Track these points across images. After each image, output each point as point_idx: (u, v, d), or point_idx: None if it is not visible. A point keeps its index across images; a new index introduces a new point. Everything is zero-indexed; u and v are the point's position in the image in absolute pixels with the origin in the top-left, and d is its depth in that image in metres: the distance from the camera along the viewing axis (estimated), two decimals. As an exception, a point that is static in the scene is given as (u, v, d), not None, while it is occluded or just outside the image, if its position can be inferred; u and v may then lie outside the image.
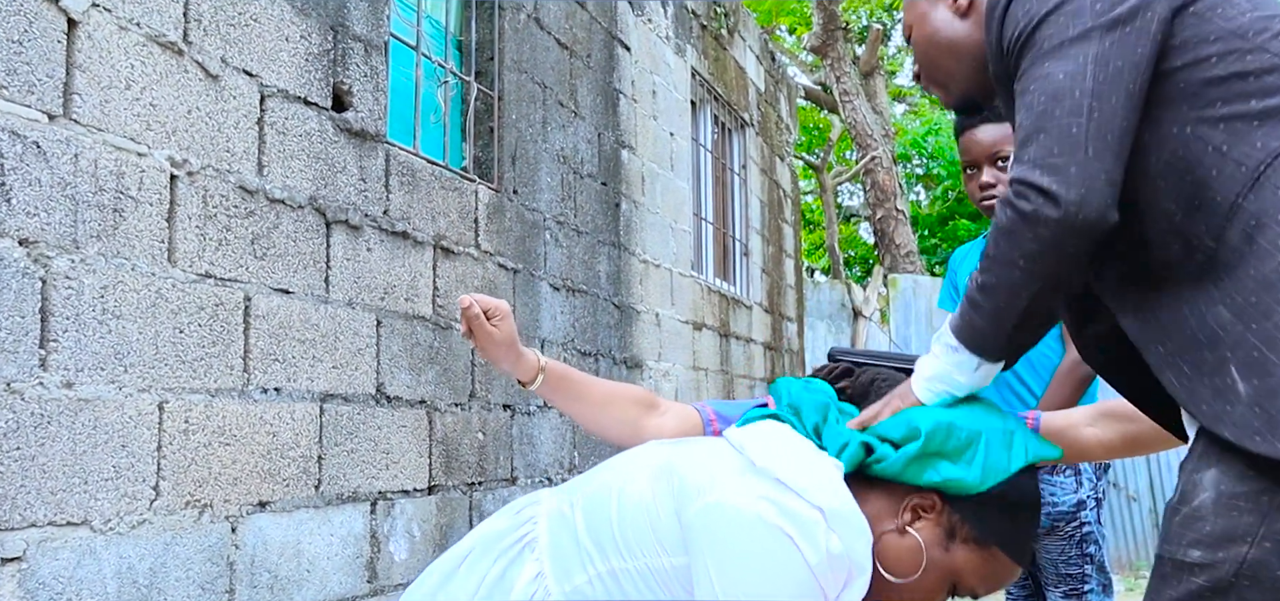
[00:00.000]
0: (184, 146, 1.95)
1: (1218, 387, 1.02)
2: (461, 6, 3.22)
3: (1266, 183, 1.01)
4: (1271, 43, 1.06)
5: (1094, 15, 1.05)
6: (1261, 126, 1.03)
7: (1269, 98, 1.03)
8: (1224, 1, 1.08)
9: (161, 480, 1.85)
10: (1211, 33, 1.06)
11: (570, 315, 3.58)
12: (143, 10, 1.87)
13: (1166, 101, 1.06)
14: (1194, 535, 1.01)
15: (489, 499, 3.00)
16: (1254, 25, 1.06)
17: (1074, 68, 1.04)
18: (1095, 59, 1.04)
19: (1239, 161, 1.03)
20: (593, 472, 1.29)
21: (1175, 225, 1.06)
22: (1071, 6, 1.06)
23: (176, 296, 1.92)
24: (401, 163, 2.66)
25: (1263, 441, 0.97)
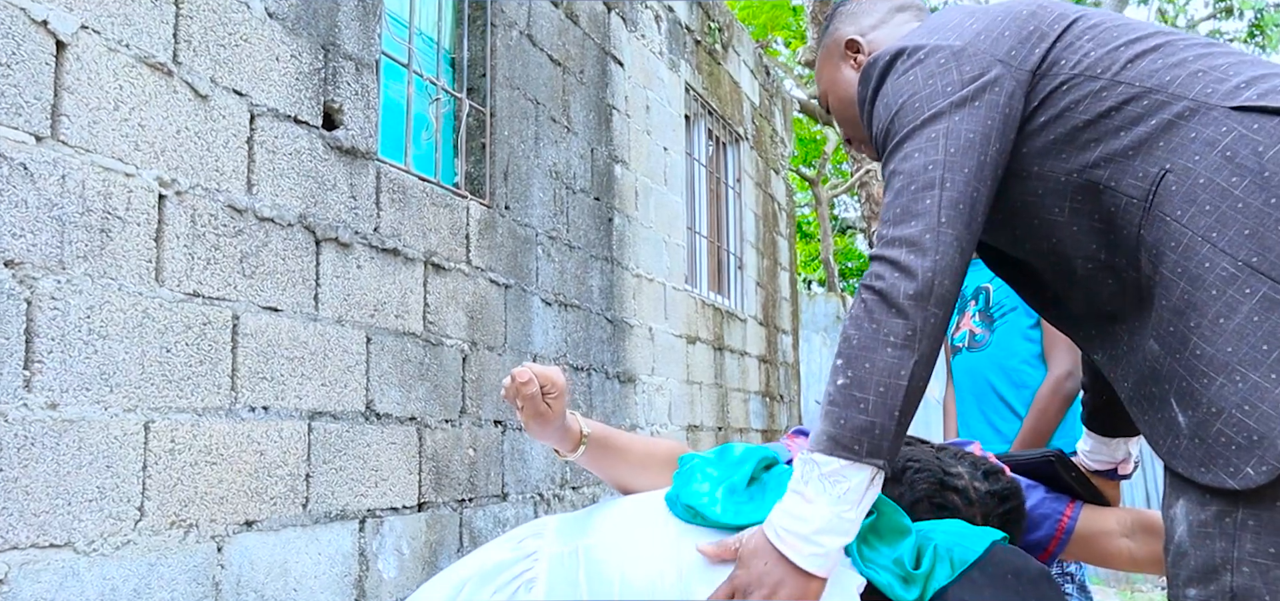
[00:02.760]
0: (172, 166, 1.96)
1: (1166, 421, 1.02)
2: (454, 23, 3.23)
3: (1156, 211, 1.02)
4: (1122, 73, 1.07)
5: (944, 97, 1.09)
6: (1137, 155, 1.04)
7: (1136, 126, 1.04)
8: (1067, 49, 1.10)
9: (146, 500, 1.85)
10: (1065, 83, 1.09)
11: (562, 330, 3.58)
12: (132, 31, 1.88)
13: (1049, 154, 1.09)
14: (1186, 573, 1.00)
15: (480, 516, 3.00)
16: (1101, 62, 1.08)
17: (924, 145, 1.08)
18: (946, 135, 1.07)
19: (1128, 194, 1.04)
20: (599, 518, 1.25)
21: (1103, 263, 1.08)
22: (918, 98, 1.10)
23: (164, 316, 1.92)
24: (392, 180, 2.67)
25: (1207, 473, 0.97)
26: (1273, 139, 0.97)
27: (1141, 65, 1.06)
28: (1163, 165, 1.01)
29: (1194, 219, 0.98)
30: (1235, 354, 0.95)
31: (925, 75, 1.11)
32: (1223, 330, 0.96)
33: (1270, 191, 0.95)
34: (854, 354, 1.04)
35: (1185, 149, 1.01)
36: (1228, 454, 0.95)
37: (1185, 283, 0.98)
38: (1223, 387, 0.95)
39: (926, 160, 1.07)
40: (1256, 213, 0.96)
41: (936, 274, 1.03)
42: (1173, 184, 1.00)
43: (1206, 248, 0.97)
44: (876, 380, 1.03)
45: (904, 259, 1.04)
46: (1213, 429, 0.96)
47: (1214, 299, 0.96)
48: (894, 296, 1.03)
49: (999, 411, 2.30)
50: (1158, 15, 14.50)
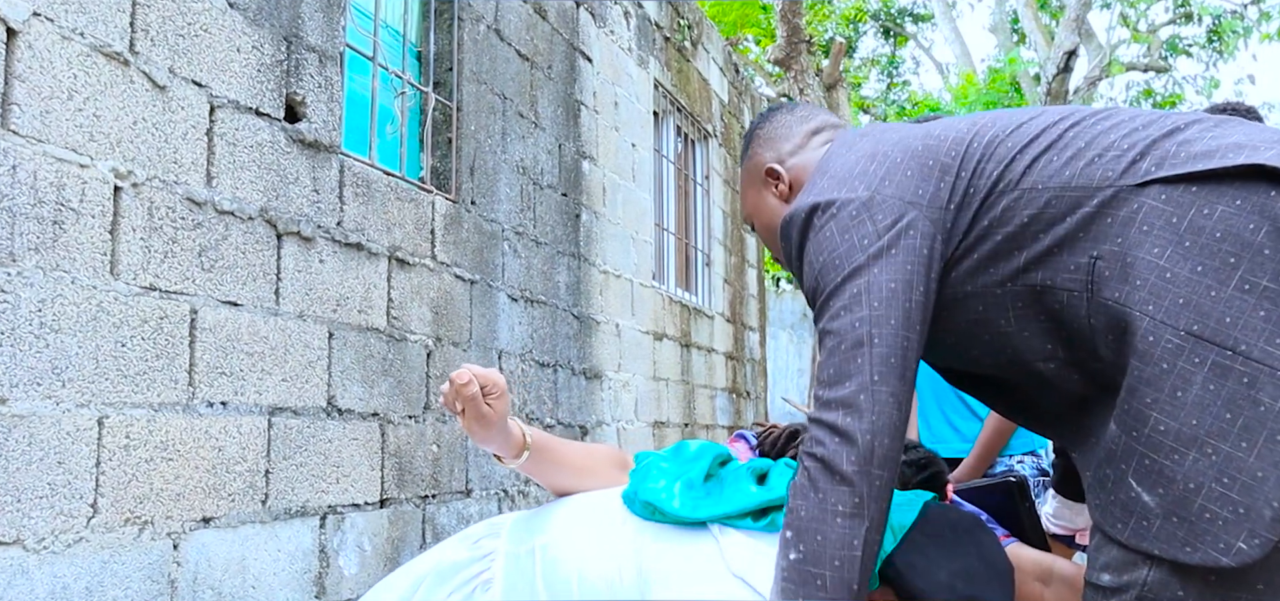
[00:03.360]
0: (129, 157, 1.92)
1: (1124, 503, 1.00)
2: (421, 16, 3.21)
3: (1097, 297, 1.02)
4: (1024, 180, 1.08)
5: (862, 250, 1.09)
6: (1063, 251, 1.04)
7: (1055, 226, 1.05)
8: (973, 174, 1.11)
9: (100, 497, 1.82)
10: (981, 205, 1.09)
11: (528, 326, 3.57)
12: (87, 19, 1.84)
13: (979, 272, 1.10)
14: (1104, 559, 1.02)
15: (443, 512, 2.99)
16: (1005, 177, 1.09)
17: (848, 302, 1.08)
18: (867, 289, 1.07)
19: (1068, 287, 1.04)
20: (555, 517, 1.25)
21: (1064, 359, 1.07)
22: (836, 255, 1.11)
23: (119, 309, 1.89)
24: (356, 173, 2.64)
25: (1193, 552, 0.95)
26: (1180, 207, 0.98)
27: (1039, 169, 1.07)
28: (1090, 253, 1.03)
29: (1129, 295, 0.99)
30: (1201, 426, 0.94)
31: (840, 230, 1.11)
32: (1182, 403, 0.95)
33: (1193, 260, 0.96)
34: (804, 527, 1.03)
35: (1105, 235, 1.02)
36: (1215, 530, 0.94)
37: (1135, 359, 0.98)
38: (1196, 462, 0.94)
39: (853, 318, 1.07)
40: (1186, 282, 0.96)
41: (875, 435, 1.02)
42: (1104, 268, 1.01)
43: (1147, 322, 0.97)
44: (830, 555, 1.02)
45: (841, 422, 1.03)
46: (1195, 505, 0.94)
47: (1166, 372, 0.96)
48: (837, 464, 1.02)
49: (959, 412, 2.33)
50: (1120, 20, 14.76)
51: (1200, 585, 0.95)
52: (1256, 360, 0.92)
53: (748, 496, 1.20)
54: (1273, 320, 0.92)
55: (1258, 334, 0.92)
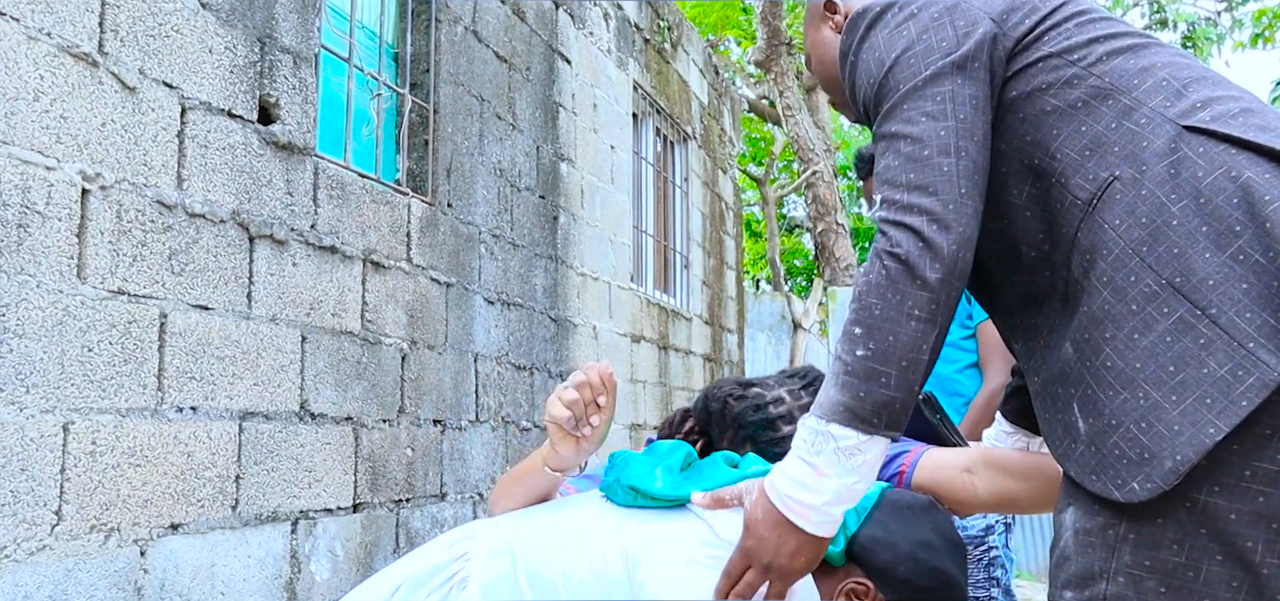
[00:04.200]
0: (97, 160, 1.90)
1: (1066, 424, 1.03)
2: (397, 17, 3.19)
3: (1097, 215, 1.01)
4: (1096, 65, 1.06)
5: (941, 54, 1.06)
6: (1093, 156, 1.03)
7: (1097, 124, 1.03)
8: (1053, 28, 1.09)
9: (65, 504, 1.80)
10: (1042, 60, 1.07)
11: (505, 329, 3.56)
12: (54, 19, 1.82)
13: (1017, 132, 1.08)
14: (1065, 576, 1.03)
15: (417, 516, 2.97)
16: (1079, 49, 1.07)
17: (933, 109, 1.04)
18: (953, 99, 1.04)
19: (1074, 194, 1.04)
20: (532, 517, 1.26)
21: (1044, 254, 1.08)
22: (913, 53, 1.07)
23: (86, 314, 1.86)
24: (331, 176, 2.63)
25: (1097, 481, 0.98)
26: (1213, 166, 0.97)
27: (1115, 63, 1.05)
28: (1113, 170, 1.01)
29: (1129, 230, 0.99)
30: (1142, 371, 0.96)
31: (919, 29, 1.08)
32: (1135, 346, 0.96)
33: (1203, 218, 0.96)
34: (876, 324, 1.00)
35: (1136, 157, 1.01)
36: (1119, 466, 0.96)
37: (1109, 292, 0.99)
38: (1125, 402, 0.96)
39: (939, 126, 1.03)
40: (1187, 235, 0.96)
41: (960, 247, 1.00)
42: (1118, 191, 1.00)
43: (1135, 260, 0.98)
44: (899, 354, 1.00)
45: (927, 231, 1.00)
46: (1110, 440, 0.97)
47: (1133, 313, 0.97)
48: (920, 269, 0.99)
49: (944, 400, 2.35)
50: (1096, 26, 14.92)
51: (1113, 522, 0.96)
52: (1222, 328, 0.92)
53: (728, 474, 1.24)
54: (1252, 294, 0.92)
55: (1232, 303, 0.92)
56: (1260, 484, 0.92)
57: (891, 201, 1.04)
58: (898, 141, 1.05)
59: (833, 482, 1.03)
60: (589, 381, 1.24)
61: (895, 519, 1.25)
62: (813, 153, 8.91)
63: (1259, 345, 0.91)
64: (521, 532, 1.23)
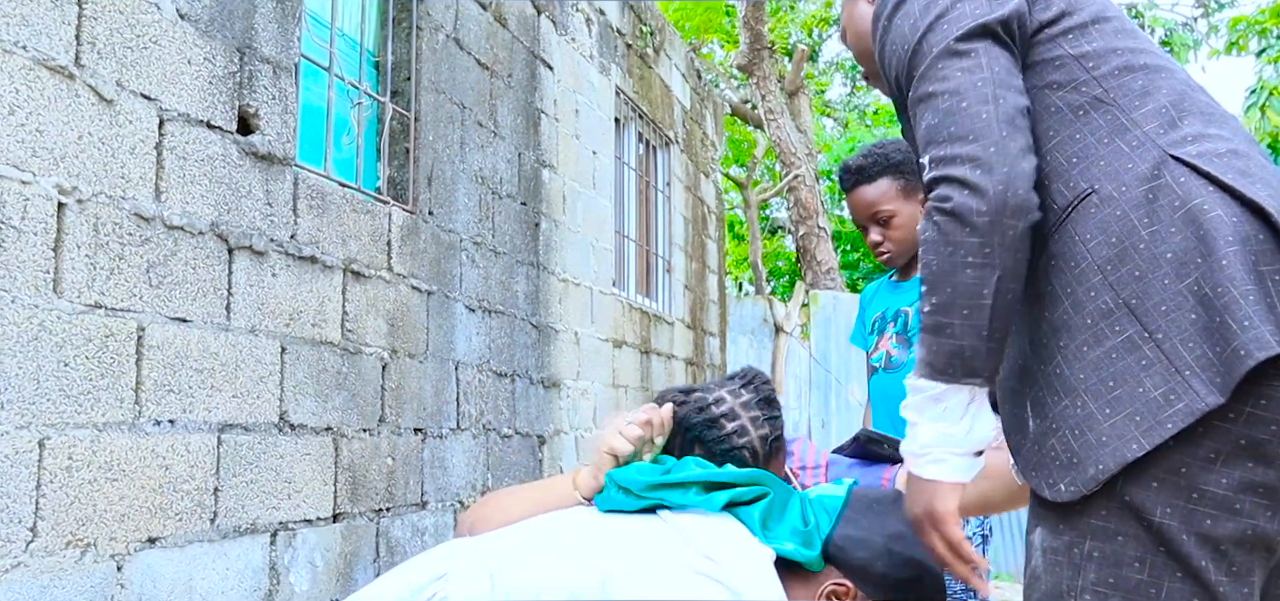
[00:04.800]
0: (73, 173, 1.89)
1: (1019, 419, 1.08)
2: (378, 25, 3.18)
3: (1069, 225, 1.05)
4: (1105, 78, 1.08)
5: (973, 18, 1.08)
6: (1078, 165, 1.06)
7: (1093, 136, 1.06)
8: (1077, 27, 1.11)
9: (40, 520, 1.79)
10: (1060, 58, 1.10)
11: (486, 336, 3.56)
12: (30, 32, 1.80)
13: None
14: (1036, 595, 1.06)
15: (397, 525, 2.97)
16: (1094, 55, 1.09)
17: (969, 63, 1.06)
18: (987, 55, 1.06)
19: (1054, 198, 1.07)
20: (513, 541, 1.27)
21: None
22: (953, 13, 1.09)
23: (62, 328, 1.85)
24: (311, 186, 2.62)
25: (1034, 478, 1.04)
26: (1187, 198, 0.99)
27: (1124, 80, 1.08)
28: (1093, 183, 1.04)
29: (1098, 247, 1.01)
30: (1085, 382, 1.00)
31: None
32: (1083, 357, 1.00)
33: (1168, 246, 0.98)
34: (935, 279, 1.04)
35: (1118, 176, 1.03)
36: (1052, 467, 1.02)
37: (1068, 303, 1.02)
38: (1066, 408, 1.01)
39: (974, 78, 1.04)
40: (1151, 260, 0.98)
41: (1008, 185, 1.00)
42: (1093, 205, 1.03)
43: (1098, 277, 1.01)
44: (961, 303, 1.02)
45: (970, 176, 1.01)
46: (1048, 442, 1.02)
47: (1087, 327, 1.00)
48: (967, 215, 1.01)
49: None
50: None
51: (1078, 541, 1.01)
52: (1164, 352, 0.96)
53: (694, 472, 1.31)
54: (1197, 325, 0.95)
55: (1178, 332, 0.96)
56: (1207, 507, 0.96)
57: (935, 158, 1.05)
58: (935, 99, 1.06)
59: (926, 430, 1.10)
60: (652, 421, 1.37)
61: (865, 514, 1.30)
62: (795, 156, 8.95)
63: (1194, 374, 0.94)
64: (501, 554, 1.24)
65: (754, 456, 1.45)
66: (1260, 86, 7.34)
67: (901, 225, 2.18)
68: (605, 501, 1.34)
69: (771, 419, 1.48)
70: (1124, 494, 0.98)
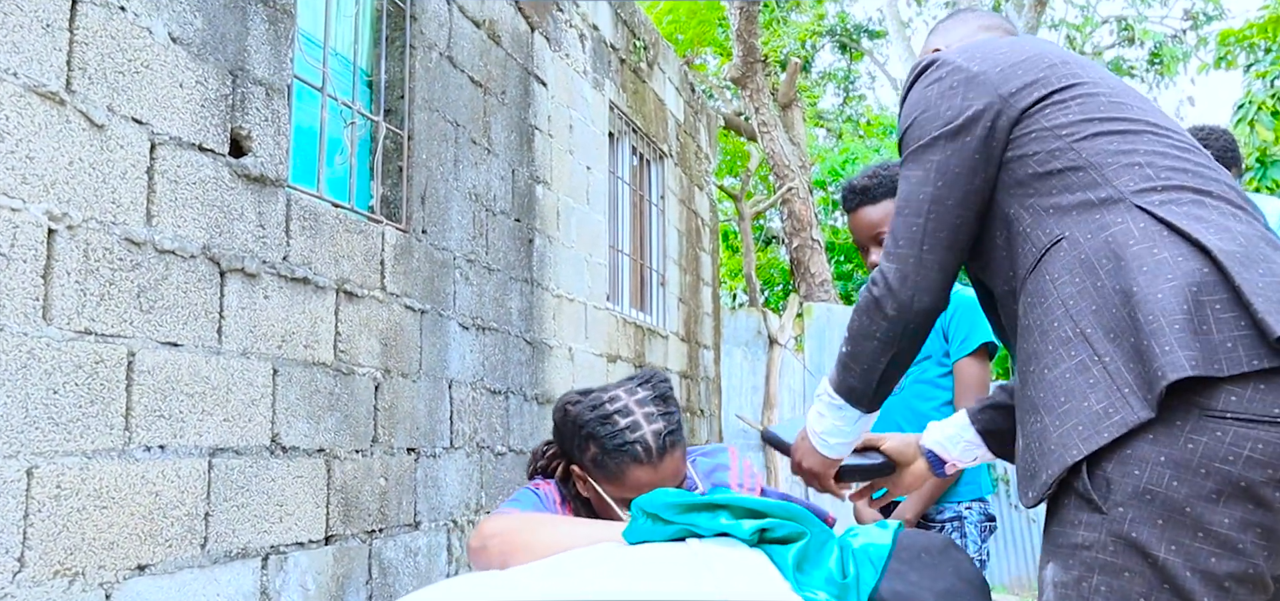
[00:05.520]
0: (64, 199, 1.88)
1: (1017, 446, 1.22)
2: (372, 44, 3.18)
3: (1043, 267, 1.19)
4: (1081, 144, 1.21)
5: (940, 125, 1.27)
6: (1053, 216, 1.20)
7: (1068, 194, 1.19)
8: (1055, 105, 1.25)
9: (28, 550, 1.77)
10: (1037, 132, 1.24)
11: (480, 354, 3.56)
12: (20, 59, 1.80)
13: (1007, 186, 1.26)
14: None
15: (389, 546, 2.96)
16: (1070, 126, 1.23)
17: (921, 174, 1.28)
18: (938, 167, 1.27)
19: (1033, 244, 1.21)
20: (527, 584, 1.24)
21: (1011, 291, 1.27)
22: (926, 116, 1.29)
23: (51, 356, 1.84)
24: (303, 207, 2.61)
25: (1021, 489, 1.17)
26: (1143, 241, 1.11)
27: (1098, 143, 1.21)
28: (1064, 232, 1.17)
29: (1063, 285, 1.15)
30: (1043, 400, 1.13)
31: (937, 95, 1.29)
32: (1044, 379, 1.13)
33: (1119, 281, 1.10)
34: (853, 334, 1.35)
35: (1086, 224, 1.16)
36: (1024, 479, 1.16)
37: (1038, 333, 1.16)
38: (1033, 426, 1.14)
39: (920, 190, 1.27)
40: (1107, 295, 1.11)
41: (915, 294, 1.27)
42: (1063, 250, 1.16)
43: (1061, 310, 1.14)
44: (863, 360, 1.34)
45: (891, 279, 1.29)
46: (1025, 457, 1.17)
47: (1049, 352, 1.14)
48: (884, 306, 1.30)
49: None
50: (1066, 42, 15.17)
51: (1086, 575, 1.10)
52: (1109, 373, 1.08)
53: (727, 494, 1.30)
54: (1137, 349, 1.06)
55: (1122, 354, 1.08)
56: (1210, 545, 1.04)
57: (884, 247, 1.33)
58: (897, 198, 1.32)
59: (828, 421, 1.45)
60: None
61: (914, 568, 1.25)
62: (788, 169, 8.97)
63: (1132, 392, 1.06)
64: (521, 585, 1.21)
65: (647, 451, 1.46)
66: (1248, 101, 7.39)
67: None
68: (633, 532, 1.29)
69: (666, 415, 1.50)
70: (1131, 532, 1.05)
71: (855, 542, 1.30)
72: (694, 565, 1.19)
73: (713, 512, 1.25)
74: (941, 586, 1.23)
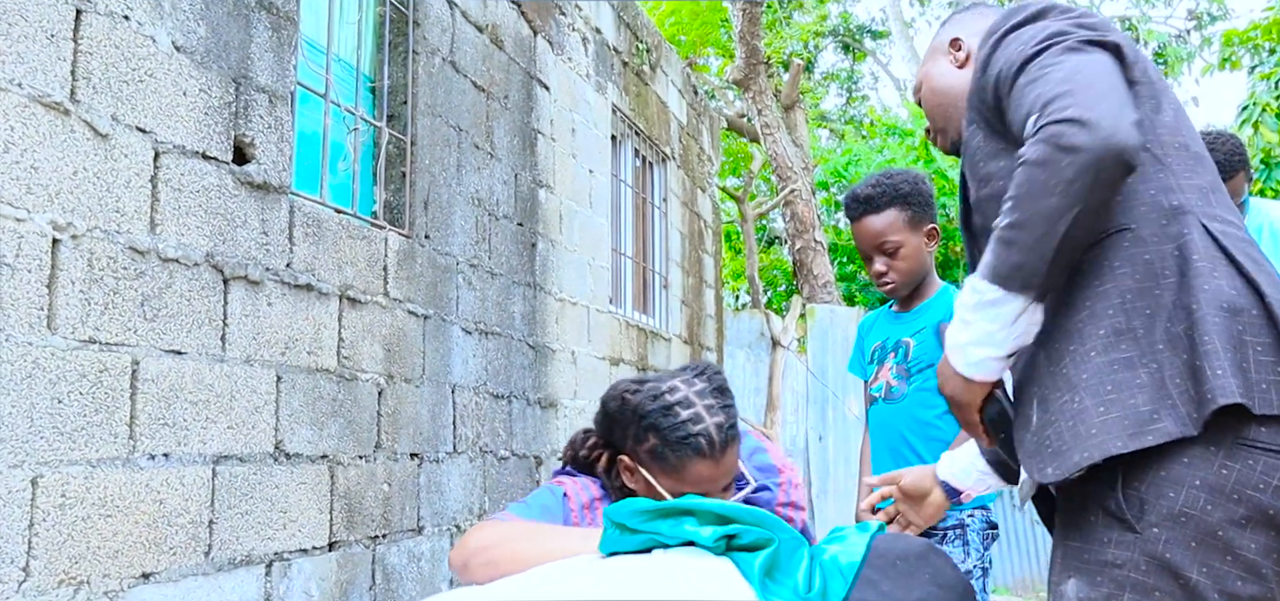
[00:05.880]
0: (68, 209, 1.88)
1: (1024, 418, 1.19)
2: (375, 49, 3.18)
3: (1104, 248, 1.16)
4: (1168, 145, 1.20)
5: (1092, 32, 1.18)
6: (1122, 202, 1.17)
7: (1144, 185, 1.18)
8: (1153, 99, 1.22)
9: (32, 559, 1.78)
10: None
11: (483, 358, 3.56)
12: (25, 69, 1.80)
13: None
14: None
15: (393, 552, 2.96)
16: (1163, 125, 1.21)
17: (1086, 58, 1.14)
18: (1102, 55, 1.16)
19: (1108, 229, 1.17)
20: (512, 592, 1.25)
21: None
22: (1071, 35, 1.18)
23: (55, 365, 1.84)
24: (307, 213, 2.61)
25: (1030, 464, 1.15)
26: (1206, 258, 1.13)
27: (1179, 154, 1.21)
28: (1130, 223, 1.17)
29: (1123, 276, 1.14)
30: (1087, 382, 1.12)
31: (1071, 21, 1.20)
32: (1089, 362, 1.12)
33: (1183, 295, 1.12)
34: (1020, 197, 1.11)
35: (1154, 224, 1.17)
36: (1045, 454, 1.14)
37: (1086, 314, 1.14)
38: (1066, 403, 1.13)
39: (1092, 62, 1.12)
40: (1167, 304, 1.12)
41: (1115, 130, 1.06)
42: (1127, 241, 1.16)
43: (1118, 300, 1.13)
44: (1038, 225, 1.09)
45: (1083, 114, 1.07)
46: (1047, 433, 1.14)
47: (1099, 338, 1.13)
48: (1071, 144, 1.06)
49: (912, 463, 2.37)
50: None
51: (1116, 593, 1.10)
52: (1160, 379, 1.09)
53: (692, 500, 1.27)
54: (1187, 367, 1.09)
55: (1171, 367, 1.09)
56: (1238, 569, 1.07)
57: (1048, 105, 1.11)
58: (1049, 73, 1.14)
59: (976, 328, 1.18)
60: None
61: (888, 577, 1.20)
62: (791, 170, 8.96)
63: (1180, 405, 1.08)
64: None
65: (711, 445, 1.43)
66: (1253, 102, 7.37)
67: (907, 256, 2.18)
68: (606, 543, 1.27)
69: (726, 407, 1.47)
70: (1166, 553, 1.08)
71: (829, 551, 1.26)
72: (657, 576, 1.17)
73: (677, 518, 1.22)
74: (916, 595, 1.20)
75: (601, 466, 1.59)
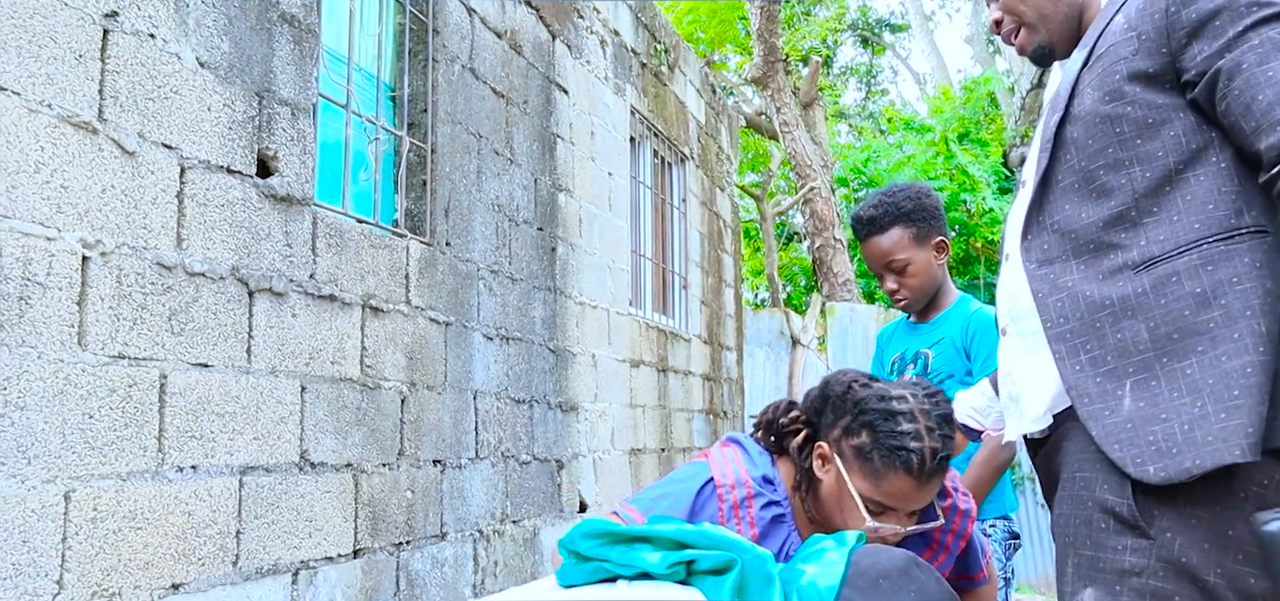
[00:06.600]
0: (97, 226, 1.91)
1: (1105, 393, 1.11)
2: (395, 58, 3.20)
3: (1247, 245, 1.08)
4: None
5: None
6: (1273, 207, 1.10)
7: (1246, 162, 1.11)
8: None
9: (66, 572, 1.81)
10: None
11: (504, 363, 3.57)
12: (54, 91, 1.83)
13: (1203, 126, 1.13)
14: None
15: (417, 558, 2.98)
16: None
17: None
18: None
19: (1243, 216, 1.10)
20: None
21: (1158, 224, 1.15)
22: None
23: (86, 381, 1.87)
24: (329, 224, 2.64)
25: (1118, 451, 1.09)
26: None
27: None
28: (1270, 226, 1.10)
29: (1265, 277, 1.07)
30: (1213, 388, 1.05)
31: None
32: (1218, 365, 1.05)
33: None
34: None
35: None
36: (1146, 450, 1.07)
37: (1219, 311, 1.07)
38: (1185, 405, 1.06)
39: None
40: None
41: None
42: (1270, 244, 1.09)
43: (1259, 302, 1.06)
44: None
45: None
46: (1151, 428, 1.07)
47: (1234, 341, 1.05)
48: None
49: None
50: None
51: (1112, 582, 1.09)
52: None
53: (650, 527, 1.21)
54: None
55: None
56: (1250, 566, 1.06)
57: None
58: (1271, 67, 1.07)
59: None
60: None
61: (870, 595, 1.16)
62: (810, 168, 8.93)
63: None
64: None
65: (922, 465, 1.36)
66: None
67: (916, 272, 2.17)
68: (563, 574, 1.21)
69: (945, 437, 1.40)
70: (1182, 557, 1.06)
71: (807, 573, 1.19)
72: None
73: (630, 546, 1.17)
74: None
75: (795, 443, 1.50)
